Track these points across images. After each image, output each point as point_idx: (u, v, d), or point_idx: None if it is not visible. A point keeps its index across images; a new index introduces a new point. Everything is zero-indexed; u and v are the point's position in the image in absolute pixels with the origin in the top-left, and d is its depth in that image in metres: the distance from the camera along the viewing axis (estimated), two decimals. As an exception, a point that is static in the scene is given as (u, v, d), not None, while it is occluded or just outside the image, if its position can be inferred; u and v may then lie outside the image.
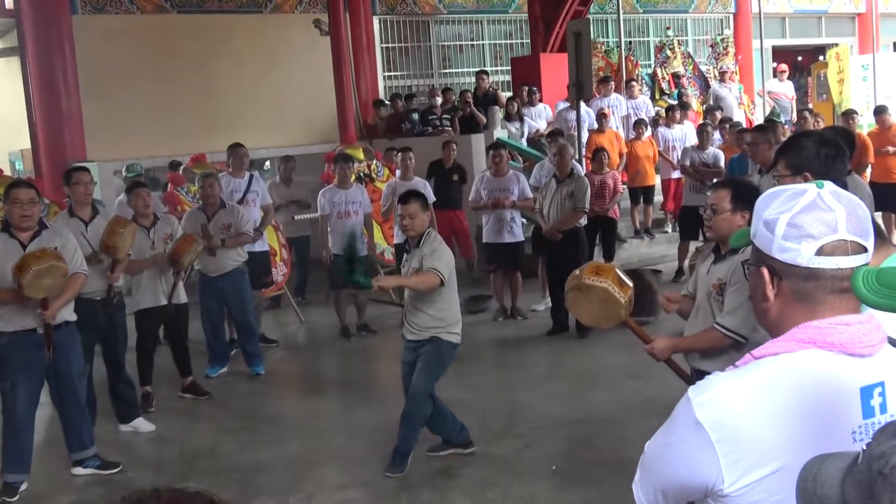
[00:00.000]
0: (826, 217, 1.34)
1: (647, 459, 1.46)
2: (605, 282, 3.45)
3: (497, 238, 8.12)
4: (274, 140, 12.03)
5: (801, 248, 1.34)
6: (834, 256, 1.34)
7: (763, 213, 1.40)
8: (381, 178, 9.61)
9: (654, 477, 1.44)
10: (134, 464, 5.21)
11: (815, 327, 1.35)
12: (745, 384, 1.36)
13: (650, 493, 1.45)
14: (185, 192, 8.44)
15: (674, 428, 1.40)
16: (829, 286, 1.35)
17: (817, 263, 1.34)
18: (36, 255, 4.51)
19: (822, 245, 1.33)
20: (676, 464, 1.38)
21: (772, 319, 1.42)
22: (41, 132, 8.85)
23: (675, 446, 1.38)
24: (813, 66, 16.27)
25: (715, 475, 1.32)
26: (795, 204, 1.36)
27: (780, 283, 1.39)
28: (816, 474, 0.97)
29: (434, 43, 14.77)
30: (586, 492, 4.41)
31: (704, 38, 16.95)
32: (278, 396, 6.73)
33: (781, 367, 1.35)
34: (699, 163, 9.42)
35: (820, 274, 1.35)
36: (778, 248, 1.37)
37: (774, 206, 1.38)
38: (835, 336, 1.34)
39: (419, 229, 4.80)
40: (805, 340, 1.35)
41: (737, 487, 1.31)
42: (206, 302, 6.85)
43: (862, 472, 0.88)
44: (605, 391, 6.04)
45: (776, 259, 1.38)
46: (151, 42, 11.46)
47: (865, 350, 1.35)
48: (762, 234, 1.40)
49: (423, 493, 4.56)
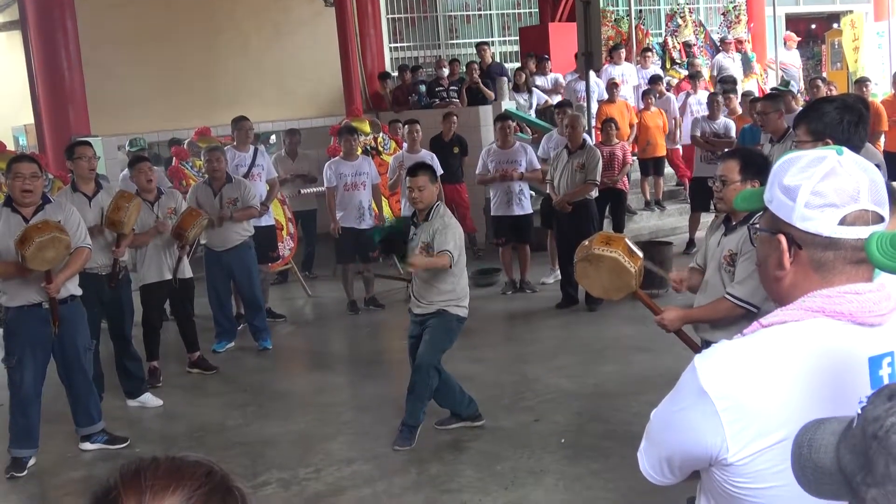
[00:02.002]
0: (848, 185, 1.30)
1: (652, 427, 1.45)
2: (615, 252, 3.38)
3: (506, 210, 8.05)
4: (279, 113, 11.94)
5: (824, 217, 1.30)
6: (855, 226, 1.30)
7: (782, 180, 1.34)
8: (388, 150, 9.53)
9: (658, 444, 1.43)
10: (142, 439, 5.21)
11: (824, 296, 1.32)
12: (752, 352, 1.33)
13: (655, 460, 1.44)
14: (190, 167, 8.39)
15: (679, 396, 1.38)
16: (848, 256, 1.32)
17: (839, 233, 1.30)
18: (38, 227, 4.47)
19: (846, 215, 1.29)
20: (681, 432, 1.36)
21: (784, 288, 1.38)
22: (44, 107, 8.79)
23: (680, 414, 1.36)
24: (827, 34, 16.01)
25: (719, 444, 1.30)
26: (816, 171, 1.31)
27: (798, 252, 1.34)
28: (811, 439, 0.95)
29: (440, 13, 14.58)
30: (595, 464, 4.38)
31: (716, 5, 16.67)
32: (286, 371, 6.73)
33: (789, 336, 1.32)
34: (710, 133, 9.30)
35: (841, 244, 1.31)
36: (800, 217, 1.32)
37: (793, 172, 1.33)
38: (844, 305, 1.31)
39: (428, 202, 4.75)
40: (814, 309, 1.32)
41: (741, 456, 1.29)
42: (213, 276, 6.82)
43: (856, 436, 0.87)
44: (615, 364, 6.00)
45: (796, 227, 1.33)
46: (154, 15, 11.34)
47: (875, 319, 1.32)
48: (780, 200, 1.35)
49: (432, 466, 4.55)
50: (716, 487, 1.37)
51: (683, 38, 13.89)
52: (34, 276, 4.61)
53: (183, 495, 0.90)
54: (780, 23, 15.68)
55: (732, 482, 1.32)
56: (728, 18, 15.00)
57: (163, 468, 0.92)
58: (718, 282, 3.44)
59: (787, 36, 14.82)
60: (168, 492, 0.90)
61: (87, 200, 5.48)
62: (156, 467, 0.92)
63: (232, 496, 0.93)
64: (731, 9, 15.19)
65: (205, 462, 0.95)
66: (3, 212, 4.70)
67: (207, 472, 0.93)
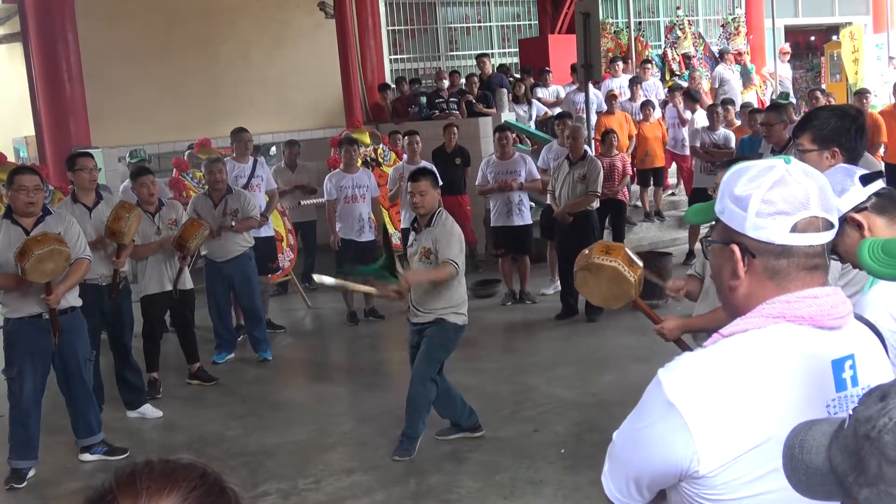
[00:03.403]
0: (798, 193, 1.31)
1: (616, 448, 1.42)
2: (615, 261, 3.39)
3: (505, 221, 8.06)
4: (279, 125, 11.97)
5: (775, 225, 1.31)
6: (807, 233, 1.32)
7: (732, 190, 1.35)
8: (388, 162, 9.54)
9: (625, 465, 1.40)
10: (141, 450, 5.20)
11: (783, 301, 1.33)
12: (717, 362, 1.32)
13: (621, 483, 1.41)
14: (191, 178, 8.41)
15: (644, 412, 1.36)
16: (801, 263, 1.33)
17: (791, 241, 1.32)
18: (38, 239, 4.48)
19: (797, 222, 1.31)
20: (648, 448, 1.34)
21: (739, 298, 1.39)
22: (45, 119, 8.82)
23: (647, 430, 1.34)
24: (826, 46, 16.05)
25: (690, 456, 1.28)
26: (765, 180, 1.32)
27: (752, 261, 1.35)
28: (803, 440, 0.96)
29: (441, 25, 14.65)
30: (594, 474, 4.31)
31: (715, 17, 16.75)
32: (286, 382, 6.72)
33: (752, 344, 1.32)
34: (710, 144, 9.31)
35: (793, 251, 1.33)
36: (752, 226, 1.33)
37: (743, 182, 1.34)
38: (804, 309, 1.32)
39: (429, 207, 4.76)
40: (774, 315, 1.33)
41: (713, 468, 1.28)
42: (213, 287, 6.83)
43: (848, 436, 0.87)
44: (614, 374, 5.99)
45: (748, 237, 1.34)
46: (155, 27, 11.39)
47: (834, 322, 1.34)
48: (732, 211, 1.36)
49: (432, 477, 4.54)
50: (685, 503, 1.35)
51: (683, 49, 13.94)
52: (34, 288, 4.62)
53: (178, 497, 0.90)
54: (779, 35, 15.75)
55: (704, 495, 1.30)
56: (727, 30, 15.06)
57: (157, 471, 0.93)
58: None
59: (781, 49, 14.86)
60: (163, 494, 0.90)
61: (87, 212, 5.49)
62: (150, 470, 0.93)
63: (226, 497, 0.94)
64: (731, 21, 15.25)
65: (198, 464, 0.96)
66: (2, 223, 4.71)
67: (202, 474, 0.94)
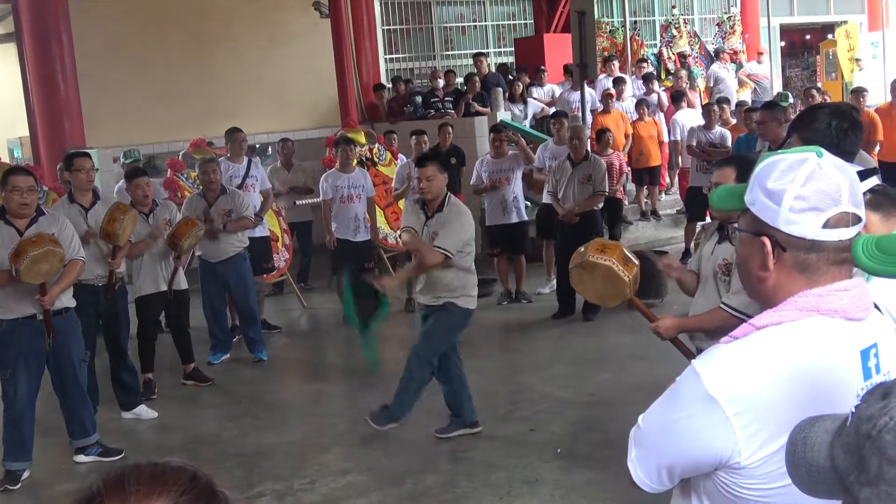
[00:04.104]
0: (830, 188, 1.32)
1: (647, 436, 1.43)
2: (610, 260, 3.39)
3: (500, 219, 8.05)
4: (275, 125, 11.94)
5: (808, 221, 1.32)
6: (838, 228, 1.33)
7: (765, 182, 1.36)
8: (384, 161, 9.52)
9: (658, 453, 1.41)
10: (136, 451, 5.17)
11: (816, 295, 1.35)
12: (755, 355, 1.34)
13: (652, 469, 1.41)
14: (185, 178, 8.38)
15: (682, 403, 1.36)
16: (831, 258, 1.35)
17: (822, 236, 1.33)
18: (32, 240, 4.46)
19: (829, 218, 1.32)
20: (688, 440, 1.35)
21: (768, 289, 1.41)
22: (39, 119, 8.79)
23: (685, 422, 1.35)
24: (822, 45, 16.08)
25: (731, 449, 1.30)
26: (798, 174, 1.33)
27: (782, 254, 1.36)
28: (805, 438, 0.95)
29: (436, 24, 14.63)
30: (591, 473, 4.36)
31: (711, 16, 16.75)
32: (281, 382, 6.70)
33: (788, 336, 1.33)
34: (706, 143, 9.31)
35: (824, 246, 1.34)
36: (784, 220, 1.34)
37: (776, 175, 1.35)
38: (836, 302, 1.34)
39: (437, 191, 4.79)
40: (808, 308, 1.34)
41: (754, 459, 1.30)
42: (208, 288, 6.80)
43: (850, 434, 0.87)
44: (610, 373, 5.98)
45: (780, 231, 1.35)
46: (150, 27, 11.36)
47: (863, 314, 1.37)
48: (764, 203, 1.36)
49: (428, 476, 4.52)
50: (719, 490, 1.36)
51: (678, 48, 13.94)
52: (28, 289, 4.59)
53: (167, 501, 0.89)
54: (774, 33, 15.76)
55: (743, 485, 1.32)
56: (723, 29, 15.07)
57: (146, 474, 0.91)
58: (714, 290, 3.44)
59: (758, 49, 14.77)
60: (152, 497, 0.89)
61: (83, 212, 5.46)
62: (139, 473, 0.91)
63: (216, 501, 0.92)
64: (726, 19, 15.26)
65: (189, 467, 0.94)
66: None
67: (192, 477, 0.92)
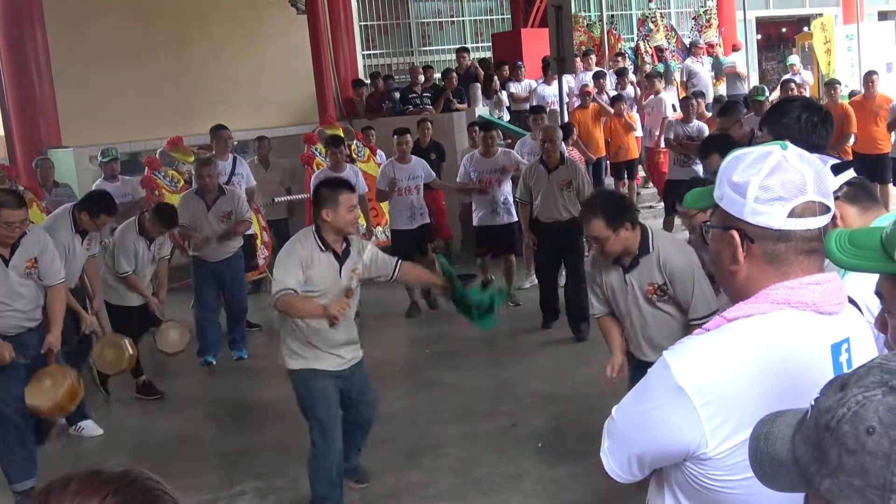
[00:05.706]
0: (795, 178, 1.34)
1: (618, 426, 1.45)
2: None
3: (490, 220, 7.85)
4: (252, 122, 11.86)
5: (773, 211, 1.34)
6: (804, 218, 1.34)
7: (731, 176, 1.38)
8: (362, 158, 9.48)
9: (628, 444, 1.43)
10: (115, 451, 5.15)
11: (787, 287, 1.36)
12: (724, 346, 1.35)
13: (622, 459, 1.44)
14: (163, 176, 8.31)
15: (651, 394, 1.39)
16: (799, 247, 1.36)
17: (789, 225, 1.34)
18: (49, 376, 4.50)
19: (794, 207, 1.33)
20: (656, 429, 1.37)
21: (739, 282, 1.42)
22: (14, 118, 8.69)
23: (655, 412, 1.37)
24: (798, 37, 16.20)
25: (698, 439, 1.32)
26: (763, 166, 1.35)
27: (751, 246, 1.38)
28: (768, 432, 0.95)
29: (413, 20, 14.60)
30: (573, 467, 4.38)
31: (687, 10, 16.85)
32: (262, 381, 6.66)
33: (758, 329, 1.35)
34: (683, 136, 9.36)
35: (791, 235, 1.35)
36: (750, 212, 1.36)
37: (741, 168, 1.37)
38: (807, 295, 1.36)
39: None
40: (778, 301, 1.36)
41: (720, 450, 1.32)
42: (203, 288, 6.73)
43: (810, 427, 0.87)
44: (591, 367, 5.98)
45: (747, 222, 1.37)
46: (126, 24, 11.24)
47: (834, 308, 1.38)
48: (731, 197, 1.38)
49: (410, 473, 4.53)
50: (687, 482, 1.38)
51: (655, 42, 14.01)
52: None
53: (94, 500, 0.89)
54: (750, 26, 15.87)
55: (710, 475, 1.34)
56: (699, 23, 15.16)
57: (73, 488, 0.91)
58: (660, 313, 3.59)
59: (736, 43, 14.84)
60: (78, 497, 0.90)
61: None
62: (64, 486, 0.92)
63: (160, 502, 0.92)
64: (702, 13, 15.35)
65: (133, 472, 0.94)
66: None
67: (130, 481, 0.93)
